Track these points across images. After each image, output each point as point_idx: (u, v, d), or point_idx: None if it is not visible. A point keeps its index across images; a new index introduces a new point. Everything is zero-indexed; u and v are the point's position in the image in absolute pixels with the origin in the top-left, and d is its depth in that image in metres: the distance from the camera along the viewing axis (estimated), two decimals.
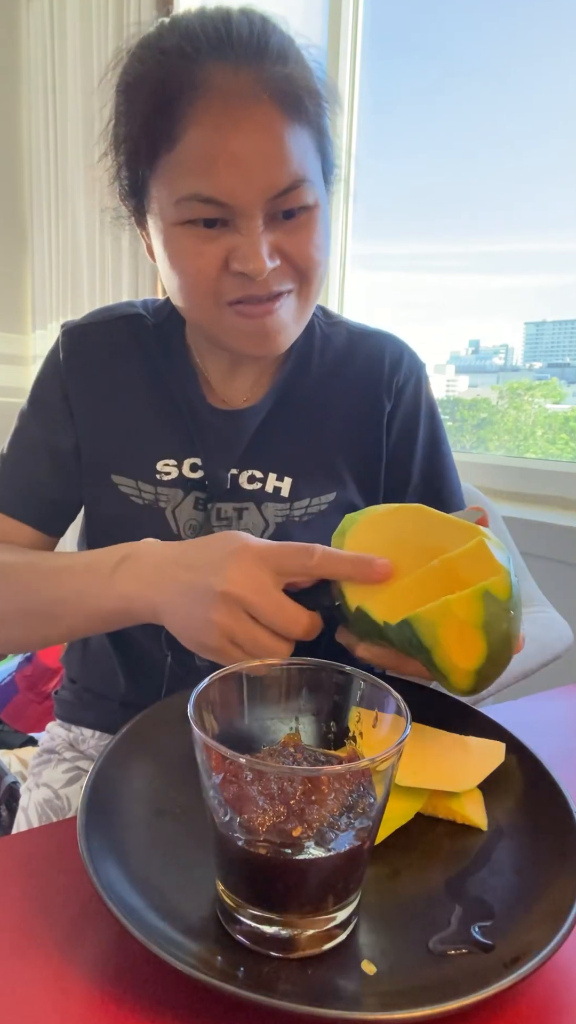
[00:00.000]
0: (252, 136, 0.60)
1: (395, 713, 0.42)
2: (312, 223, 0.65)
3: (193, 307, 0.68)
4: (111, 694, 0.83)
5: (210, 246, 0.63)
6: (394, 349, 0.82)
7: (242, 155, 0.59)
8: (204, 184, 0.60)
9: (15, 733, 1.82)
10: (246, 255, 0.62)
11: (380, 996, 0.36)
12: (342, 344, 0.81)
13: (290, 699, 0.47)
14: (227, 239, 0.63)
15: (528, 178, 1.77)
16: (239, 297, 0.64)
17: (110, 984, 0.38)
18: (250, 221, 0.61)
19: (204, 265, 0.63)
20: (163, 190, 0.63)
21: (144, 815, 0.47)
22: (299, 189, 0.62)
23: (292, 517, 0.76)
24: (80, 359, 0.78)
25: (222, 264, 0.63)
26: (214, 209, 0.61)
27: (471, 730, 0.58)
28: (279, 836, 0.37)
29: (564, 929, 0.39)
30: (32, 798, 0.84)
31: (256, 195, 0.61)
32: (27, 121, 2.82)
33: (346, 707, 0.46)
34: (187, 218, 0.62)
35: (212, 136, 0.59)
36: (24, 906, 0.43)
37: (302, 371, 0.79)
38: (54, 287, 2.73)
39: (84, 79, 2.42)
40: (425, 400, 0.82)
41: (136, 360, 0.78)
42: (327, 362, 0.80)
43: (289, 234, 0.64)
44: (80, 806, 0.45)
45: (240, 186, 0.60)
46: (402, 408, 0.80)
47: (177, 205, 0.62)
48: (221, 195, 0.60)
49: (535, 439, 1.94)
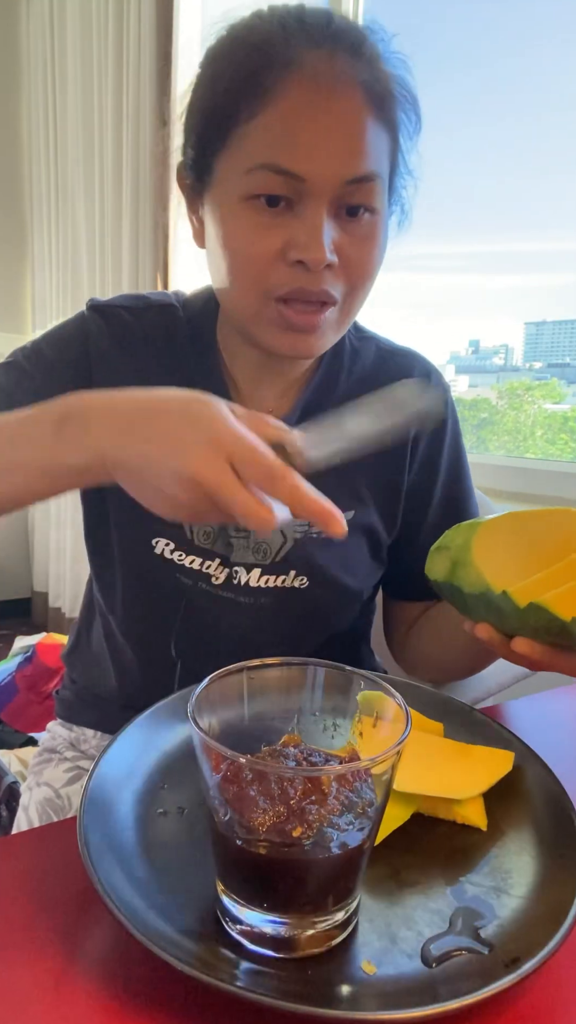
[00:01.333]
0: (338, 118, 0.59)
1: (395, 713, 0.42)
2: (375, 232, 0.64)
3: (237, 294, 0.65)
4: (113, 698, 0.83)
5: (269, 233, 0.61)
6: (422, 371, 0.80)
7: (325, 133, 0.58)
8: (282, 155, 0.59)
9: (15, 733, 1.82)
10: (307, 243, 0.60)
11: (380, 996, 0.36)
12: (370, 361, 0.80)
13: (290, 699, 0.47)
14: (288, 227, 0.61)
15: (528, 178, 1.77)
16: (287, 293, 0.62)
17: (110, 984, 0.38)
18: (317, 205, 0.60)
19: (260, 251, 0.61)
20: (234, 160, 0.61)
21: (144, 815, 0.47)
22: (372, 184, 0.61)
23: (311, 534, 0.74)
24: (109, 342, 0.74)
25: (278, 253, 0.61)
26: (285, 183, 0.59)
27: (471, 729, 0.58)
28: (279, 836, 0.37)
29: (564, 929, 0.39)
30: (33, 797, 0.84)
31: (332, 175, 0.59)
32: (27, 121, 2.82)
33: (346, 707, 0.46)
34: (254, 191, 0.60)
35: (298, 109, 0.58)
36: (24, 906, 0.43)
37: (329, 386, 0.77)
38: (54, 287, 2.74)
39: (84, 79, 2.42)
40: (451, 424, 0.81)
41: (166, 355, 0.75)
42: (354, 380, 0.78)
43: (351, 236, 0.62)
44: (80, 806, 0.45)
45: (318, 163, 0.58)
46: (427, 432, 0.79)
47: (247, 175, 0.60)
48: (297, 168, 0.58)
49: (535, 439, 1.94)
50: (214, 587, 0.73)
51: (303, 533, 0.74)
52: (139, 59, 2.15)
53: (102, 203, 2.40)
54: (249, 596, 0.73)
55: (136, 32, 2.14)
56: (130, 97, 2.21)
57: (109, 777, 0.49)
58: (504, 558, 0.56)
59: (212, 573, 0.72)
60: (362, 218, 0.63)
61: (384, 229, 0.66)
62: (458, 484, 0.82)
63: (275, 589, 0.74)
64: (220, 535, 0.73)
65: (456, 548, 0.58)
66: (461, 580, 0.56)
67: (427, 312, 1.97)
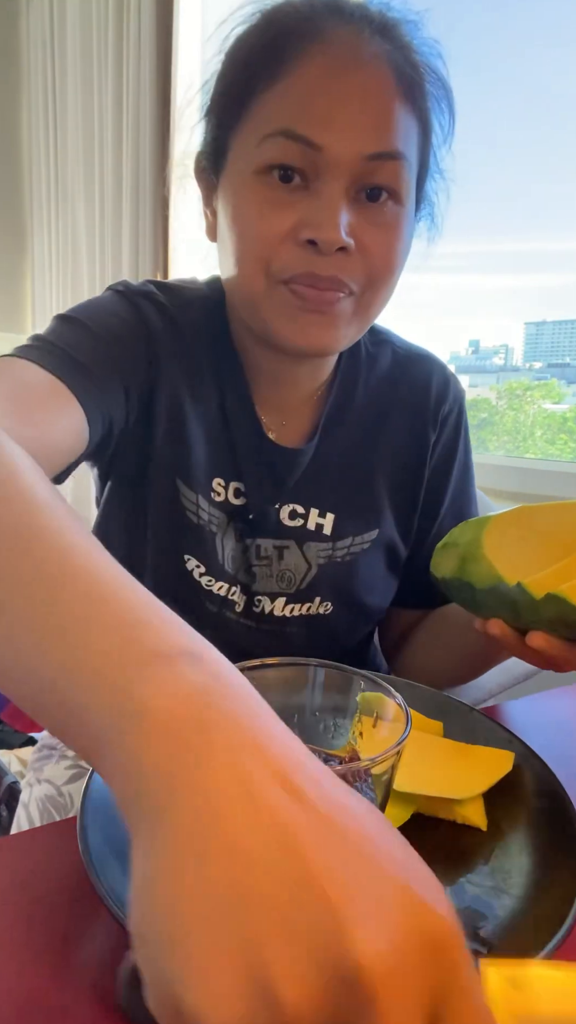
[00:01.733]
0: (362, 88, 0.55)
1: (395, 713, 0.42)
2: (398, 221, 0.59)
3: (243, 279, 0.60)
4: None
5: (280, 210, 0.56)
6: (440, 377, 0.78)
7: (346, 103, 0.54)
8: (299, 119, 0.54)
9: (15, 733, 1.82)
10: (320, 221, 0.55)
11: None
12: (387, 366, 0.77)
13: (290, 699, 0.47)
14: (301, 205, 0.56)
15: (528, 178, 1.77)
16: (295, 275, 0.57)
17: (110, 984, 0.38)
18: (334, 181, 0.55)
19: (269, 228, 0.56)
20: (249, 132, 0.57)
21: None
22: (395, 163, 0.56)
23: (335, 557, 0.72)
24: (170, 336, 0.67)
25: (288, 232, 0.56)
26: (301, 153, 0.54)
27: (471, 729, 0.58)
28: None
29: (564, 929, 0.39)
30: (33, 794, 0.83)
31: (351, 147, 0.54)
32: (27, 121, 2.82)
33: (346, 707, 0.46)
34: (268, 161, 0.55)
35: (318, 78, 0.54)
36: (24, 906, 0.43)
37: (347, 397, 0.74)
38: (54, 287, 2.73)
39: (84, 79, 2.42)
40: (463, 431, 0.80)
41: (207, 355, 0.69)
42: (372, 388, 0.75)
43: (371, 223, 0.58)
44: (80, 806, 0.45)
45: (337, 133, 0.54)
46: (443, 439, 0.78)
47: (261, 145, 0.56)
48: (314, 135, 0.54)
49: (535, 439, 1.94)
50: (235, 614, 0.71)
51: (327, 559, 0.72)
52: (139, 59, 2.15)
53: (102, 203, 2.40)
54: (274, 624, 0.72)
55: (136, 32, 2.14)
56: (130, 97, 2.21)
57: None
58: (516, 551, 0.55)
59: (235, 600, 0.71)
60: (384, 204, 0.58)
61: (409, 223, 0.61)
62: (465, 493, 0.81)
63: (301, 617, 0.72)
64: (242, 563, 0.71)
65: (465, 544, 0.58)
66: (471, 575, 0.56)
67: (427, 312, 1.97)
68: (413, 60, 0.58)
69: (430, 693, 0.62)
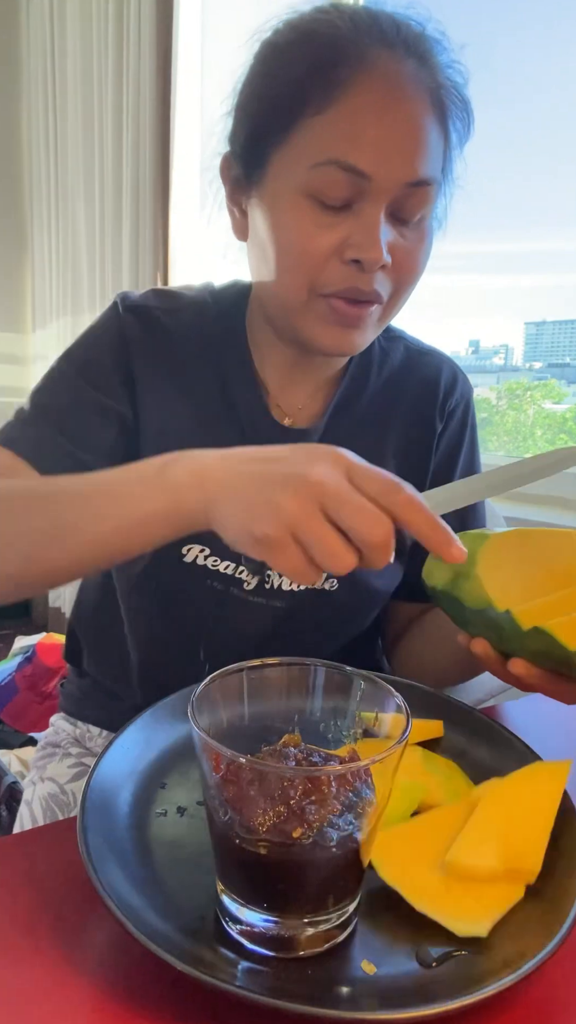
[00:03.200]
0: (406, 120, 0.60)
1: (395, 713, 0.42)
2: (424, 235, 0.65)
3: (284, 289, 0.65)
4: (126, 697, 0.83)
5: (326, 230, 0.61)
6: (449, 372, 0.81)
7: (393, 133, 0.59)
8: (351, 151, 0.59)
9: (15, 733, 1.82)
10: (364, 243, 0.60)
11: (380, 996, 0.36)
12: (399, 361, 0.81)
13: (290, 699, 0.47)
14: (345, 225, 0.61)
15: (528, 178, 1.77)
16: (339, 290, 0.63)
17: (110, 984, 0.38)
18: (376, 205, 0.60)
19: (316, 247, 0.61)
20: (296, 154, 0.61)
21: (144, 815, 0.47)
22: (428, 189, 0.62)
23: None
24: (150, 342, 0.73)
25: (333, 250, 0.61)
26: (349, 181, 0.59)
27: (471, 730, 0.58)
28: (279, 836, 0.37)
29: (564, 930, 0.39)
30: (36, 792, 0.84)
31: (396, 175, 0.60)
32: (27, 120, 2.82)
33: (346, 707, 0.46)
34: (318, 188, 0.60)
35: (369, 108, 0.59)
36: (24, 906, 0.43)
37: (359, 387, 0.78)
38: (54, 287, 2.74)
39: (84, 78, 2.42)
40: (470, 426, 0.82)
41: (202, 356, 0.75)
42: (383, 380, 0.79)
43: (404, 239, 0.63)
44: (80, 806, 0.45)
45: (384, 162, 0.59)
46: (449, 431, 0.80)
47: (312, 170, 0.60)
48: (364, 166, 0.59)
49: (535, 439, 1.94)
50: (245, 592, 0.72)
51: None
52: (139, 59, 2.15)
53: (102, 203, 2.40)
54: (281, 600, 0.73)
55: (136, 32, 2.14)
56: (130, 97, 2.21)
57: (109, 777, 0.49)
58: (510, 576, 0.54)
59: (244, 579, 0.72)
60: (414, 221, 0.63)
61: (431, 233, 0.67)
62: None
63: (306, 592, 0.73)
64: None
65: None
66: (462, 592, 0.55)
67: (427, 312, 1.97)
68: (442, 81, 0.62)
69: (430, 693, 0.62)
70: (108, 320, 0.74)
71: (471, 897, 0.42)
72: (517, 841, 0.44)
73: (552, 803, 0.47)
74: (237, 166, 0.67)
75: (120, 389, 0.72)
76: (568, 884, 0.43)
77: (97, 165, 2.40)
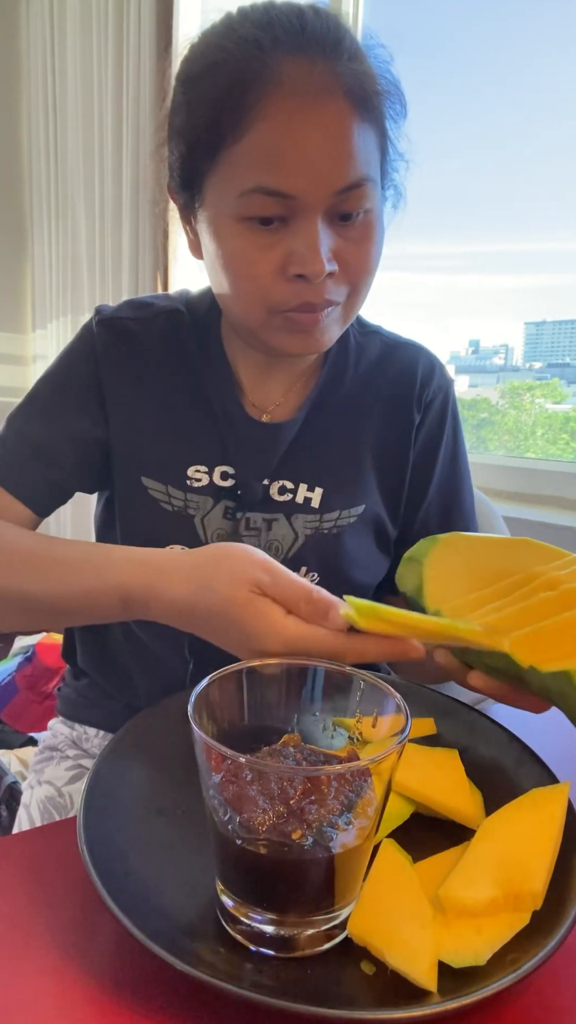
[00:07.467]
0: (322, 130, 0.59)
1: (395, 713, 0.42)
2: (371, 230, 0.64)
3: (241, 309, 0.67)
4: (120, 695, 0.83)
5: (267, 251, 0.62)
6: (426, 363, 0.81)
7: (310, 148, 0.58)
8: (270, 177, 0.59)
9: (15, 733, 1.82)
10: (305, 257, 0.60)
11: (380, 996, 0.36)
12: (375, 354, 0.81)
13: (290, 699, 0.47)
14: (284, 243, 0.61)
15: (528, 178, 1.77)
16: (292, 307, 0.63)
17: (110, 984, 0.38)
18: (311, 218, 0.60)
19: (260, 270, 0.62)
20: (224, 183, 0.62)
21: (144, 815, 0.47)
22: (363, 188, 0.61)
23: (322, 529, 0.75)
24: (119, 353, 0.75)
25: (278, 269, 0.62)
26: (277, 204, 0.60)
27: (470, 729, 0.58)
28: (279, 836, 0.37)
29: (564, 929, 0.39)
30: (34, 795, 0.84)
31: (322, 189, 0.59)
32: (27, 121, 2.82)
33: (346, 707, 0.46)
34: (248, 214, 0.61)
35: (282, 129, 0.58)
36: (24, 906, 0.43)
37: (336, 381, 0.78)
38: (54, 287, 2.73)
39: (84, 79, 2.42)
40: (451, 419, 0.82)
41: (174, 360, 0.76)
42: (360, 373, 0.79)
43: (347, 240, 0.63)
44: (79, 806, 0.45)
45: (306, 179, 0.59)
46: (427, 423, 0.80)
47: (240, 199, 0.61)
48: (287, 187, 0.59)
49: (535, 439, 1.95)
50: None
51: (314, 530, 0.75)
52: (139, 58, 2.15)
53: (102, 203, 2.40)
54: None
55: (136, 31, 2.14)
56: (130, 97, 2.21)
57: (109, 777, 0.49)
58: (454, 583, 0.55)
59: None
60: (356, 220, 0.63)
61: (379, 223, 0.66)
62: (455, 478, 0.82)
63: None
64: (232, 535, 0.74)
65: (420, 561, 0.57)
66: (425, 599, 0.55)
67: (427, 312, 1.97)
68: (363, 72, 0.60)
69: (430, 693, 0.62)
70: (82, 337, 0.77)
71: (470, 929, 0.40)
72: (516, 867, 0.42)
73: (552, 826, 0.45)
74: (180, 195, 0.68)
75: (93, 406, 0.75)
76: (568, 884, 0.43)
77: (97, 165, 2.40)
